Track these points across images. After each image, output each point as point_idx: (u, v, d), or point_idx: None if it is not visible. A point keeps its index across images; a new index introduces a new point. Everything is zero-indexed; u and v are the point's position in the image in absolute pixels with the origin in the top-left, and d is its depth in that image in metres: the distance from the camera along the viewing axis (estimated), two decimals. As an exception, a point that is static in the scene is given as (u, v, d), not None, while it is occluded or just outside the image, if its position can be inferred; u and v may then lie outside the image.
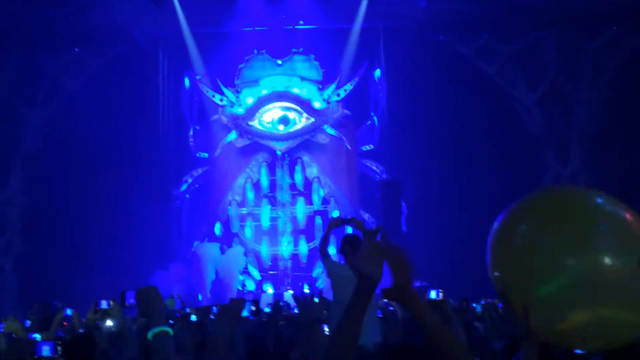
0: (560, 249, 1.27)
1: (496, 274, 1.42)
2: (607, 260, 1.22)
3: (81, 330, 5.11)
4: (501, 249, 1.40)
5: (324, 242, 4.82)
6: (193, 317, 5.33)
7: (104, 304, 4.47)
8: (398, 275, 1.57)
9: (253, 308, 3.35)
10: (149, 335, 2.03)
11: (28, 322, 6.76)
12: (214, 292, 15.99)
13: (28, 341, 4.21)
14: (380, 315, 6.45)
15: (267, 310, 8.16)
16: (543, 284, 1.28)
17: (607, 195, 1.35)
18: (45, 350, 3.44)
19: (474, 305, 7.97)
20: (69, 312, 6.47)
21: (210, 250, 16.51)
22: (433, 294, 4.48)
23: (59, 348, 3.48)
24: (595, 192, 1.36)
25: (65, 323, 7.16)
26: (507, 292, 1.39)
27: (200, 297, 15.54)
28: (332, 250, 5.26)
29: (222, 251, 16.65)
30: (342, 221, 4.82)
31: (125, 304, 2.60)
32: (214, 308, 5.40)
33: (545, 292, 1.25)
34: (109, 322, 4.53)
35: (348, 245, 4.72)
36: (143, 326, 4.92)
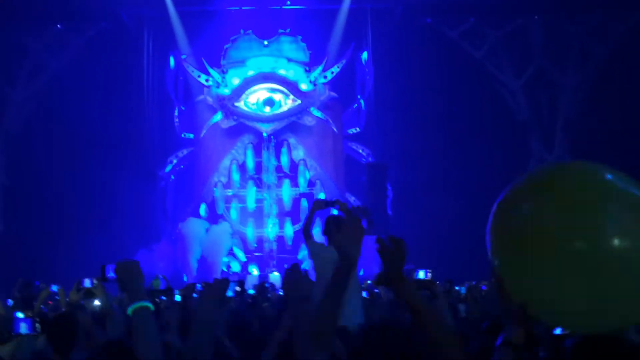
0: (565, 230, 1.24)
1: (494, 253, 1.39)
2: (615, 242, 1.19)
3: (63, 310, 5.08)
4: (502, 228, 1.37)
5: (308, 224, 4.82)
6: (177, 297, 5.31)
7: (87, 283, 4.42)
8: (391, 263, 1.59)
9: (238, 289, 3.33)
10: (129, 310, 1.98)
11: (10, 302, 6.69)
12: (199, 273, 15.97)
13: (6, 318, 4.14)
14: (366, 297, 6.48)
15: (251, 292, 8.18)
16: (545, 266, 1.25)
17: (617, 171, 1.30)
18: (23, 328, 3.38)
19: (457, 287, 8.03)
20: (54, 288, 6.40)
21: (195, 227, 16.44)
22: (422, 274, 4.48)
23: (37, 325, 3.42)
24: (605, 168, 1.30)
25: (50, 302, 7.10)
26: (503, 275, 1.37)
27: (185, 278, 15.51)
28: (316, 230, 5.24)
29: (208, 230, 16.61)
30: (325, 203, 4.81)
31: (106, 277, 2.56)
32: (198, 286, 5.39)
33: (546, 274, 1.23)
34: (95, 302, 4.48)
35: (332, 226, 4.71)
36: (125, 303, 4.89)
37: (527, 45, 18.32)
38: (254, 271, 16.67)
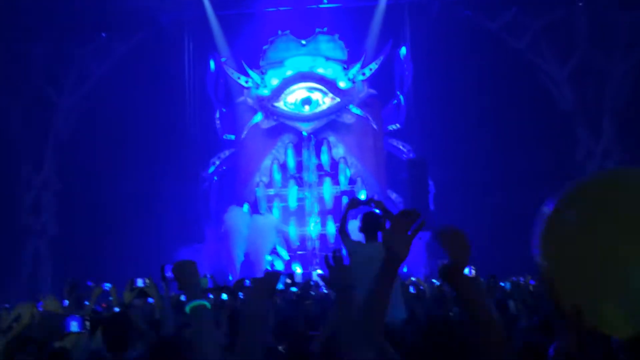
0: (618, 239, 1.23)
1: (544, 261, 1.38)
2: None
3: (116, 309, 5.23)
4: (552, 236, 1.35)
5: (343, 222, 4.80)
6: (224, 296, 5.38)
7: (139, 282, 4.50)
8: (457, 255, 1.59)
9: (288, 281, 3.36)
10: (187, 308, 2.01)
11: (66, 302, 6.90)
12: (243, 269, 16.19)
13: (56, 316, 4.27)
14: (413, 292, 6.45)
15: (294, 289, 8.24)
16: (599, 276, 1.24)
17: None
18: (74, 326, 3.42)
19: (502, 284, 7.91)
20: (107, 287, 6.56)
21: (240, 216, 16.66)
22: (465, 271, 4.41)
23: (87, 323, 3.48)
24: None
25: (103, 305, 7.29)
26: (554, 283, 1.36)
27: (230, 277, 15.74)
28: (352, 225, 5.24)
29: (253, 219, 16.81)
30: (359, 202, 4.79)
31: (165, 276, 2.63)
32: (247, 282, 5.43)
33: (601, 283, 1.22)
34: (146, 300, 4.56)
35: (369, 223, 4.71)
36: (176, 303, 5.01)
37: (571, 34, 17.83)
38: (297, 269, 16.76)
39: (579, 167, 17.97)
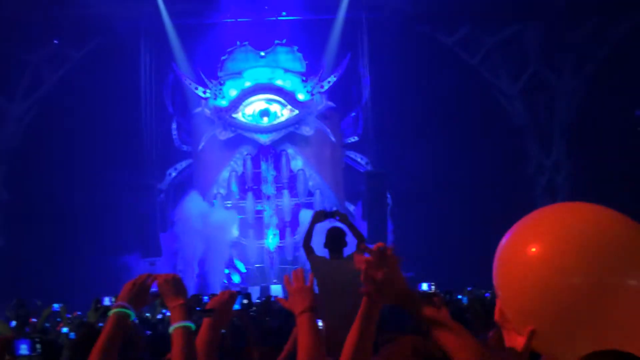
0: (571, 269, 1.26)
1: (499, 292, 1.39)
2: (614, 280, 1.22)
3: (64, 330, 5.02)
4: (508, 267, 1.37)
5: (308, 237, 4.75)
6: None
7: (106, 301, 4.29)
8: (390, 281, 1.45)
9: (245, 301, 3.29)
10: (170, 329, 1.85)
11: (13, 323, 6.63)
12: (199, 283, 15.95)
13: (5, 339, 4.08)
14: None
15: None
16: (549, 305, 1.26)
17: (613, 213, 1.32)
18: (23, 349, 3.23)
19: (460, 297, 8.01)
20: (56, 307, 6.33)
21: (199, 206, 16.46)
22: (425, 287, 4.43)
23: (38, 346, 3.30)
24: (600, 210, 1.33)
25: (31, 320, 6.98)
26: (505, 315, 1.36)
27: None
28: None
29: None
30: (325, 215, 4.76)
31: (98, 307, 2.48)
32: (205, 298, 5.32)
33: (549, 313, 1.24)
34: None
35: (334, 239, 4.69)
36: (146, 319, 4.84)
37: (523, 51, 18.39)
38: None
39: (530, 180, 18.49)
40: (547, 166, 18.55)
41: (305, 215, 16.39)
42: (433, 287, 4.64)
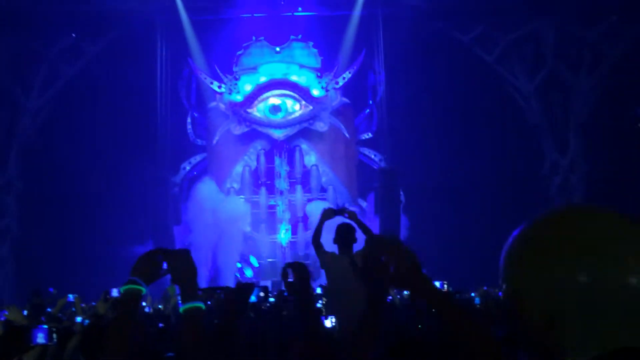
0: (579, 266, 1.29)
1: (510, 290, 1.40)
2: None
3: (79, 319, 5.10)
4: (518, 260, 1.39)
5: (317, 234, 4.78)
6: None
7: (115, 292, 4.35)
8: (399, 262, 1.52)
9: (262, 294, 3.30)
10: (181, 309, 1.85)
11: (25, 312, 6.74)
12: (212, 276, 16.04)
13: (22, 327, 4.15)
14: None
15: (271, 300, 8.16)
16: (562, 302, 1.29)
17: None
18: (40, 338, 3.32)
19: (473, 294, 7.99)
20: (71, 297, 6.42)
21: (214, 192, 16.51)
22: (437, 285, 4.40)
23: (54, 335, 3.38)
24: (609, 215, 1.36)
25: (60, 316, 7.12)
26: (522, 310, 1.37)
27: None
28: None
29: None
30: (334, 212, 4.79)
31: (107, 299, 2.51)
32: (218, 291, 5.33)
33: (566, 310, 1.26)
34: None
35: (343, 235, 4.71)
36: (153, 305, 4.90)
37: (539, 49, 18.24)
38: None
39: (545, 179, 18.34)
40: (562, 165, 18.39)
41: (313, 208, 16.33)
42: (445, 285, 4.63)
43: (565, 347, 1.26)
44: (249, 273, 16.92)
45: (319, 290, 7.95)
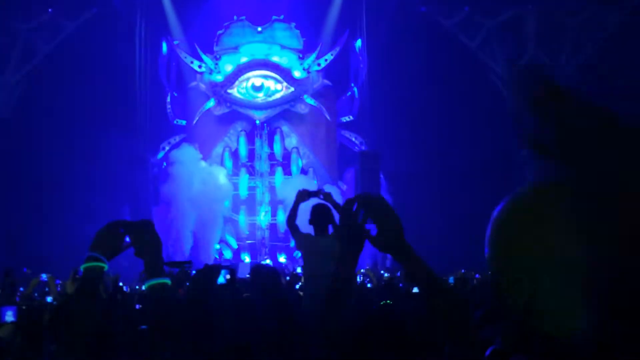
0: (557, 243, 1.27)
1: (494, 265, 1.39)
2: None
3: (49, 299, 5.04)
4: (500, 237, 1.37)
5: (292, 215, 4.78)
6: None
7: None
8: (387, 223, 1.52)
9: (228, 277, 3.31)
10: (145, 286, 1.76)
11: (-1, 290, 6.66)
12: (192, 255, 15.99)
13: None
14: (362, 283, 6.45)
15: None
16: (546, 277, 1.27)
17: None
18: (9, 315, 3.32)
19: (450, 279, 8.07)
20: (44, 277, 6.36)
21: (192, 156, 16.41)
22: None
23: (23, 313, 3.37)
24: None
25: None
26: (504, 284, 1.37)
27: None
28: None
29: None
30: (309, 194, 4.79)
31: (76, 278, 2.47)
32: (193, 272, 5.34)
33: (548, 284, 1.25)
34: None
35: (318, 216, 4.70)
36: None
37: (521, 35, 18.30)
38: (246, 259, 16.68)
39: (525, 164, 18.49)
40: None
41: (285, 187, 16.25)
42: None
43: (543, 325, 1.25)
44: (227, 254, 16.89)
45: (299, 270, 7.96)
